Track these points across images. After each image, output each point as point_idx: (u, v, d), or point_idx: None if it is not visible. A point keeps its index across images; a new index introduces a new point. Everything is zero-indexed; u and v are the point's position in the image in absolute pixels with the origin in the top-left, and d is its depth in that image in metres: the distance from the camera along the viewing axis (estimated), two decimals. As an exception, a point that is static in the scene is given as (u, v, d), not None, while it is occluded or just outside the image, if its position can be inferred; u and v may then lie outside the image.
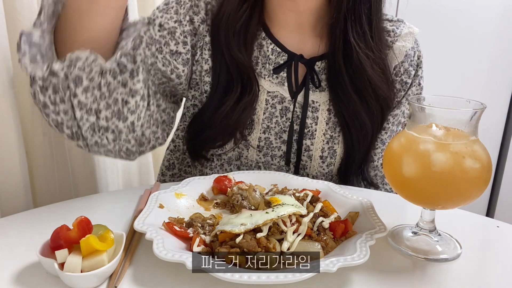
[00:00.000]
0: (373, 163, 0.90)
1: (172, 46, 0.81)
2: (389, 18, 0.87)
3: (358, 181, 0.90)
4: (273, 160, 0.87)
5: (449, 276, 0.56)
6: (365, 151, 0.86)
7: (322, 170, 0.87)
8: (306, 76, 0.84)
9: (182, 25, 0.81)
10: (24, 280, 0.51)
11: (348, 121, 0.83)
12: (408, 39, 0.86)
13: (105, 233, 0.52)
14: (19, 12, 0.80)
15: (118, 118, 0.67)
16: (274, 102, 0.85)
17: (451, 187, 0.55)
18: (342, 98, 0.82)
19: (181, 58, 0.81)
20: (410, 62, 0.86)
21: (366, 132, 0.83)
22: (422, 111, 0.57)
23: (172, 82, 0.82)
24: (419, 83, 0.89)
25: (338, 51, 0.80)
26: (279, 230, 0.56)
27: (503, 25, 1.83)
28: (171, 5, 0.82)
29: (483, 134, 0.58)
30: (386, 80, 0.81)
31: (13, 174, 0.80)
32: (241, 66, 0.81)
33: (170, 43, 0.81)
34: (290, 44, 0.84)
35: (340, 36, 0.79)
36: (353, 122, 0.83)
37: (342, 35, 0.79)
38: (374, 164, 0.90)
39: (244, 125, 0.83)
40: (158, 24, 0.81)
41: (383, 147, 0.90)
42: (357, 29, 0.78)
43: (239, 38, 0.80)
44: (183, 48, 0.81)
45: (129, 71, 0.65)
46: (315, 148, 0.86)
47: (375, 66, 0.80)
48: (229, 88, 0.81)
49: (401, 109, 0.89)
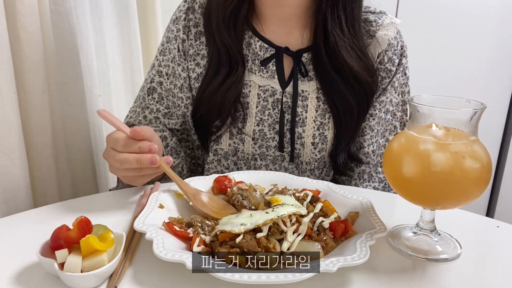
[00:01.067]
0: (363, 149, 0.93)
1: (178, 83, 0.91)
2: (372, 10, 0.92)
3: (345, 160, 0.92)
4: (268, 151, 0.91)
5: (449, 276, 0.56)
6: (352, 130, 0.90)
7: (315, 156, 0.91)
8: (294, 68, 0.88)
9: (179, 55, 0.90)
10: (24, 280, 0.51)
11: (336, 101, 0.88)
12: (390, 28, 0.91)
13: (105, 233, 0.52)
14: (20, 12, 0.80)
15: None
16: (266, 96, 0.89)
17: (451, 187, 0.55)
18: (328, 82, 0.87)
19: (185, 86, 0.91)
20: (394, 51, 0.90)
21: (351, 110, 0.88)
22: (422, 111, 0.57)
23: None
24: (405, 73, 0.93)
25: (319, 39, 0.86)
26: (279, 230, 0.56)
27: (503, 25, 1.83)
28: (165, 45, 0.92)
29: (483, 134, 0.58)
30: (364, 65, 0.86)
31: (13, 174, 0.81)
32: (230, 50, 0.86)
33: (177, 83, 0.91)
34: (277, 38, 0.89)
35: (320, 24, 0.85)
36: (340, 101, 0.88)
37: (322, 24, 0.85)
38: (364, 151, 0.93)
39: (231, 106, 0.88)
40: (165, 74, 0.92)
41: (372, 134, 0.92)
42: (333, 16, 0.85)
43: (229, 24, 0.86)
44: (183, 73, 0.90)
45: None
46: (307, 135, 0.90)
47: (351, 51, 0.85)
48: (218, 71, 0.88)
49: (387, 96, 0.92)
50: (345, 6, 0.84)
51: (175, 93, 0.91)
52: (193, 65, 0.90)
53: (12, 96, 0.79)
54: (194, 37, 0.90)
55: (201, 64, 0.90)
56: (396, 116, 0.94)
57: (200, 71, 0.90)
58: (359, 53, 0.86)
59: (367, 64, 0.87)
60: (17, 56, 0.82)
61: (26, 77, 0.84)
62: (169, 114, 0.93)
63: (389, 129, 0.94)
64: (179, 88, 0.91)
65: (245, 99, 0.89)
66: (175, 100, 0.91)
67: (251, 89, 0.89)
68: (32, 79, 0.85)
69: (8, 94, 0.78)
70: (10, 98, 0.78)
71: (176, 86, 0.91)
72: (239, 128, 0.90)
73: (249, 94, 0.89)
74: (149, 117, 0.93)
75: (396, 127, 0.95)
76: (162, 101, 0.93)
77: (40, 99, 0.87)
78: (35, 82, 0.85)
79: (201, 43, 0.90)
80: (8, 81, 0.77)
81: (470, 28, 1.83)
